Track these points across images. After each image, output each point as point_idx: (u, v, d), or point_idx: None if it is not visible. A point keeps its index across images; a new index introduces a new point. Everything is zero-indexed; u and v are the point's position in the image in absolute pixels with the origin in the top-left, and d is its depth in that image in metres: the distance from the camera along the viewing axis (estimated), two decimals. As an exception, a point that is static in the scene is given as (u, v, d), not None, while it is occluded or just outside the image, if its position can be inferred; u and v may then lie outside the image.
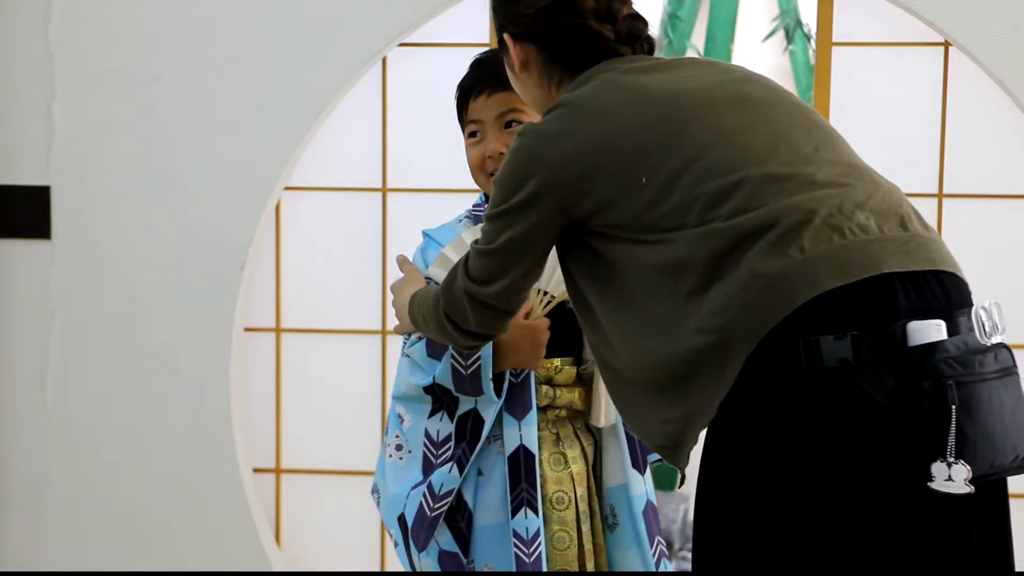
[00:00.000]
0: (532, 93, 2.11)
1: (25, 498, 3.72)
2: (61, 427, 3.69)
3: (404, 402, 2.44)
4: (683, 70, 1.96)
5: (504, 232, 1.95)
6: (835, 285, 1.68)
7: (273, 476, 3.81)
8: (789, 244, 1.71)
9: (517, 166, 1.93)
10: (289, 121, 3.56)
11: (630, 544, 2.41)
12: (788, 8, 5.67)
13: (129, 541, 3.69)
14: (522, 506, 2.32)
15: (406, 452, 2.41)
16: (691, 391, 1.76)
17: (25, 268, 3.68)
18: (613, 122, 1.87)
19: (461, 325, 2.08)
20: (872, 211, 1.76)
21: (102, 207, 3.64)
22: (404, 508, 2.37)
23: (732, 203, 1.76)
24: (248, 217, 3.59)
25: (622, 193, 1.83)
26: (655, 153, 1.83)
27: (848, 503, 1.66)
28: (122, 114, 3.62)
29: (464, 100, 2.44)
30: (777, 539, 1.70)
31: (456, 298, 2.05)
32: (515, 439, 2.35)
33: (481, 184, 2.44)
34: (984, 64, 3.44)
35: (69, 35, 3.62)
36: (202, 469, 3.64)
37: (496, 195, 1.97)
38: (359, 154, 3.75)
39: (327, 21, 3.54)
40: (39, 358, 3.69)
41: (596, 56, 2.02)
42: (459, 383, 2.33)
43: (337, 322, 3.78)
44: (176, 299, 3.62)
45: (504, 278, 1.99)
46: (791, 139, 1.83)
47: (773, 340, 1.68)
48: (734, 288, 1.71)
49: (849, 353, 1.65)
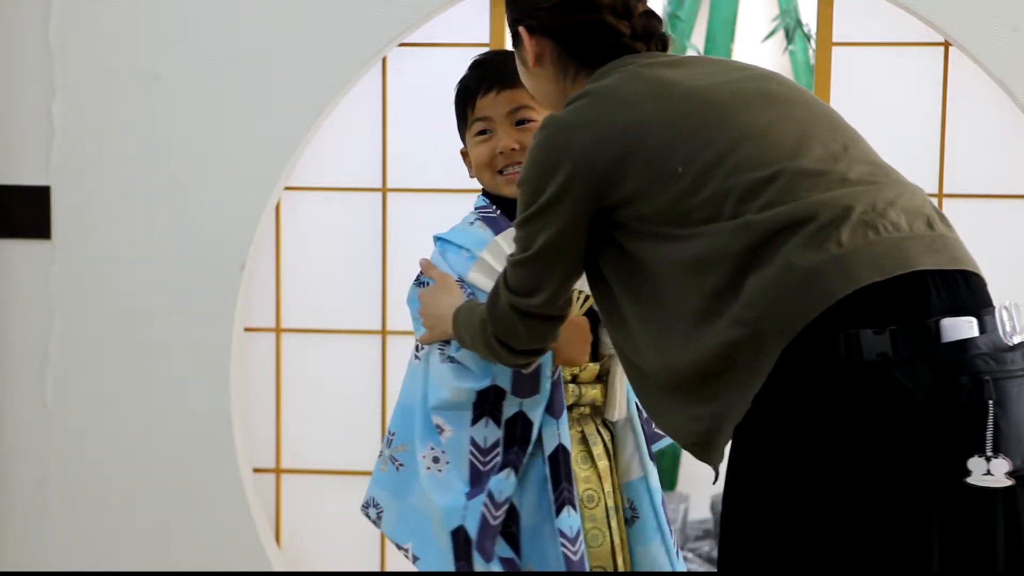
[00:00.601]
0: (544, 88, 2.10)
1: (25, 498, 3.72)
2: (61, 427, 3.69)
3: (444, 412, 2.35)
4: (705, 66, 1.97)
5: (539, 235, 1.94)
6: (872, 280, 1.69)
7: (273, 476, 3.81)
8: (826, 238, 1.72)
9: (543, 159, 1.92)
10: (289, 121, 3.56)
11: (653, 535, 2.41)
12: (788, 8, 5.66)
13: (129, 541, 3.69)
14: (565, 505, 2.31)
15: (444, 463, 2.35)
16: (723, 386, 1.76)
17: (25, 268, 3.68)
18: (643, 112, 1.87)
19: (514, 346, 2.07)
20: (902, 209, 1.78)
21: (102, 207, 3.64)
22: (463, 520, 2.30)
23: (767, 196, 1.77)
24: (248, 217, 3.59)
25: (655, 183, 1.83)
26: (689, 144, 1.83)
27: (882, 496, 1.68)
28: (122, 114, 3.62)
29: (469, 99, 2.42)
30: (809, 529, 1.70)
31: (503, 317, 2.04)
32: (554, 438, 2.33)
33: (486, 182, 2.43)
34: (984, 64, 3.44)
35: (69, 35, 3.62)
36: (202, 469, 3.64)
37: (524, 196, 1.95)
38: (359, 154, 3.75)
39: (327, 21, 3.54)
40: (39, 358, 3.69)
41: (612, 51, 2.02)
42: (518, 384, 2.30)
43: (337, 322, 3.78)
44: (176, 299, 3.62)
45: (548, 284, 1.98)
46: (820, 137, 1.85)
47: (810, 333, 1.69)
48: (770, 280, 1.72)
49: (888, 347, 1.67)
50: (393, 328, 3.75)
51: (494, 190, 2.43)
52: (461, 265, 2.40)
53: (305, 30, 3.55)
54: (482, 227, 2.43)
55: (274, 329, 3.79)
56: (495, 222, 2.42)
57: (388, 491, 2.44)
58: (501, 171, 2.40)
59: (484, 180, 2.43)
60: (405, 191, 3.73)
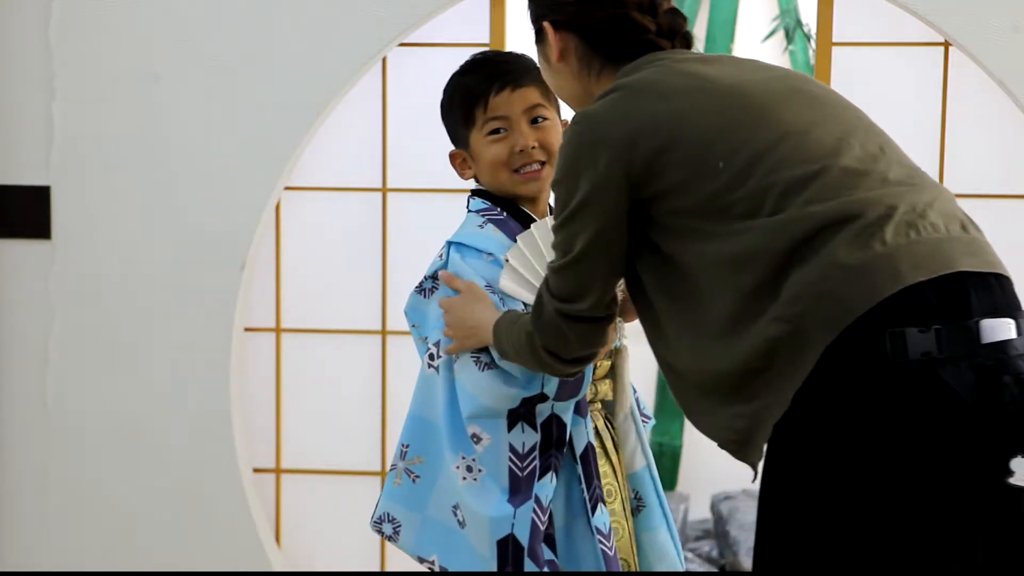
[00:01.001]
0: (567, 84, 2.09)
1: (25, 498, 3.72)
2: (61, 427, 3.69)
3: (482, 420, 2.29)
4: (737, 65, 1.97)
5: (579, 236, 1.91)
6: (916, 280, 1.70)
7: (273, 476, 3.81)
8: (872, 237, 1.73)
9: (578, 155, 1.89)
10: (289, 121, 3.56)
11: (659, 523, 2.42)
12: (788, 8, 5.67)
13: (129, 541, 3.69)
14: (598, 502, 2.31)
15: (477, 472, 2.29)
16: (763, 384, 1.76)
17: (25, 268, 3.68)
18: (682, 105, 1.86)
19: (563, 355, 2.04)
20: (939, 212, 1.79)
21: (102, 207, 3.64)
22: (512, 529, 2.26)
23: (811, 192, 1.77)
24: (248, 217, 3.59)
25: (695, 176, 1.82)
26: (730, 138, 1.82)
27: (924, 494, 1.68)
28: (122, 114, 3.62)
29: (481, 97, 2.36)
30: (850, 527, 1.71)
31: (551, 327, 2.00)
32: (583, 437, 2.33)
33: (503, 182, 2.37)
34: (984, 64, 3.44)
35: (69, 35, 3.62)
36: (202, 469, 3.64)
37: (560, 196, 1.92)
38: (359, 154, 3.75)
39: (327, 21, 3.54)
40: (39, 358, 3.69)
41: (637, 48, 2.01)
42: (564, 390, 2.28)
43: (337, 322, 3.78)
44: (176, 299, 3.62)
45: (594, 285, 1.95)
46: (858, 137, 1.85)
47: (855, 331, 1.69)
48: (814, 277, 1.72)
49: (933, 346, 1.68)
50: (393, 328, 3.75)
51: (510, 190, 2.38)
52: (485, 270, 2.33)
53: (305, 30, 3.55)
54: (494, 230, 2.38)
55: (274, 329, 3.79)
56: (505, 224, 2.38)
57: (405, 504, 2.39)
58: (518, 170, 2.36)
59: (500, 180, 2.38)
60: (405, 191, 3.73)
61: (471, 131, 2.39)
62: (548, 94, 2.39)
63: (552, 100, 2.41)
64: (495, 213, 2.40)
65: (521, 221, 2.39)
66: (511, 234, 2.36)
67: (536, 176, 2.37)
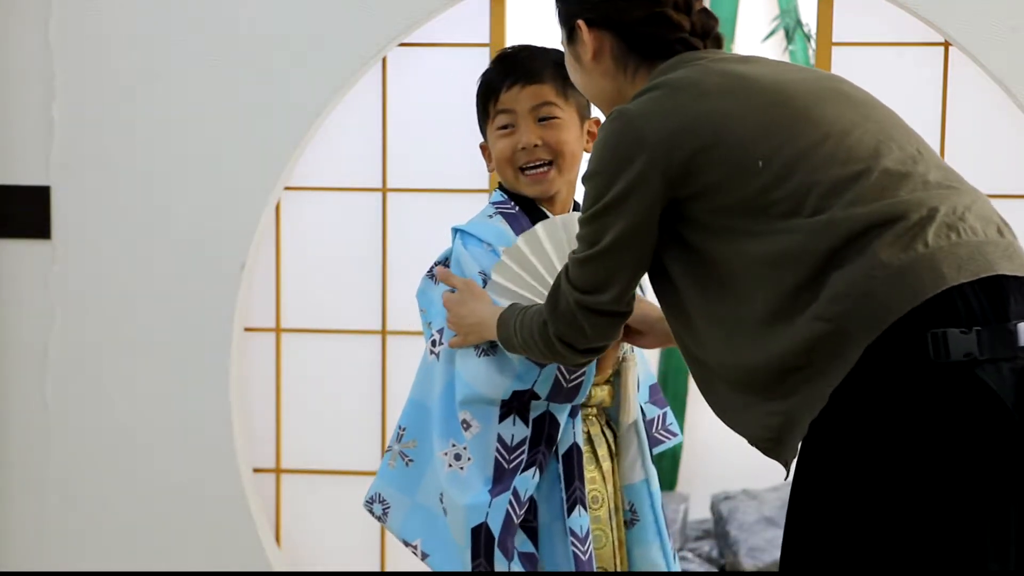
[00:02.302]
0: (599, 84, 2.07)
1: (25, 498, 3.72)
2: (61, 427, 3.69)
3: (473, 407, 2.31)
4: (771, 65, 1.96)
5: (608, 230, 1.89)
6: (959, 281, 1.70)
7: (273, 476, 3.81)
8: (914, 238, 1.73)
9: (616, 151, 1.87)
10: (289, 121, 3.56)
11: (652, 538, 2.41)
12: (788, 8, 5.66)
13: (129, 541, 3.69)
14: (576, 504, 2.31)
15: (466, 460, 2.31)
16: (801, 382, 1.75)
17: (25, 268, 3.68)
18: (722, 103, 1.85)
19: (577, 345, 2.02)
20: (977, 215, 1.79)
21: (102, 207, 3.64)
22: (486, 517, 2.27)
23: (853, 193, 1.77)
24: (248, 217, 3.59)
25: (734, 175, 1.81)
26: (771, 138, 1.82)
27: (962, 495, 1.68)
28: (122, 114, 3.62)
29: (493, 92, 2.38)
30: (888, 524, 1.71)
31: (568, 317, 1.98)
32: (570, 436, 2.32)
33: (508, 179, 2.39)
34: (984, 64, 3.44)
35: (69, 35, 3.62)
36: (202, 469, 3.64)
37: (593, 190, 1.90)
38: (359, 154, 3.75)
39: (327, 21, 3.54)
40: (39, 358, 3.69)
41: (672, 47, 2.00)
42: (555, 393, 2.29)
43: (337, 322, 3.78)
44: (176, 299, 3.62)
45: (618, 280, 1.94)
46: (897, 139, 1.85)
47: (896, 330, 1.69)
48: (858, 276, 1.72)
49: (975, 348, 1.68)
50: (393, 328, 3.75)
51: (514, 188, 2.40)
52: (484, 258, 2.36)
53: (305, 30, 3.55)
54: (502, 222, 2.39)
55: (274, 329, 3.79)
56: (515, 219, 2.39)
57: (395, 487, 2.41)
58: (523, 169, 2.36)
59: (506, 177, 2.39)
60: (405, 191, 3.73)
61: (487, 124, 2.41)
62: (565, 92, 2.38)
63: (570, 99, 2.39)
64: (508, 207, 2.41)
65: (533, 217, 2.39)
66: (519, 229, 2.37)
67: (542, 178, 2.37)
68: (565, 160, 2.38)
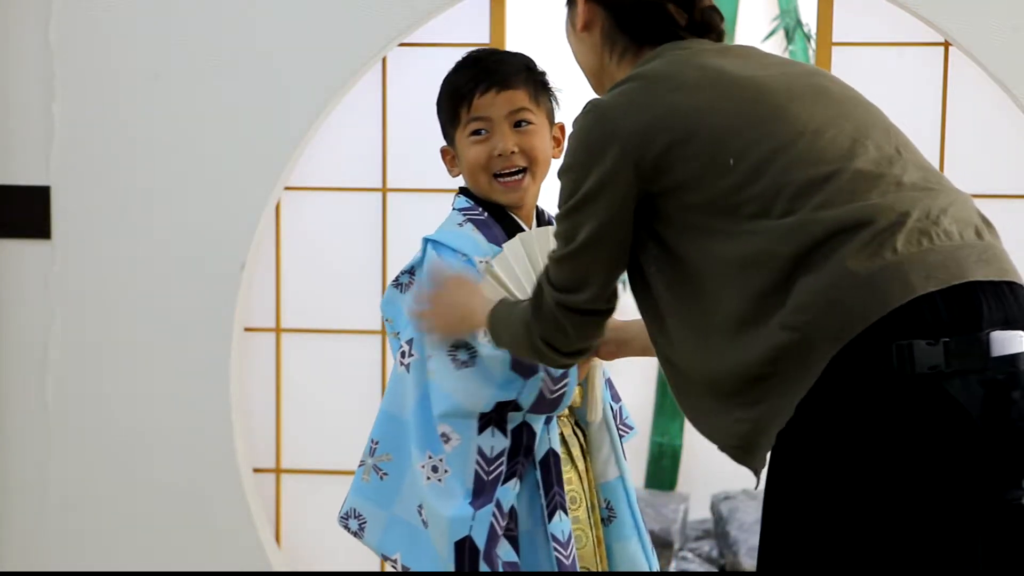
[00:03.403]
0: (586, 56, 2.04)
1: (25, 498, 3.72)
2: (61, 427, 3.69)
3: (453, 420, 2.29)
4: (753, 57, 1.93)
5: (583, 227, 1.86)
6: (927, 290, 1.66)
7: (273, 476, 3.81)
8: (882, 245, 1.69)
9: (588, 144, 1.85)
10: (289, 121, 3.56)
11: (630, 534, 2.40)
12: (788, 8, 5.66)
13: (129, 541, 3.69)
14: (556, 509, 2.30)
15: (443, 472, 2.30)
16: (767, 391, 1.72)
17: (25, 268, 3.68)
18: (696, 98, 1.83)
19: (561, 348, 1.98)
20: (954, 218, 1.75)
21: (102, 207, 3.64)
22: (470, 531, 2.26)
23: (823, 195, 1.73)
24: (248, 217, 3.59)
25: (705, 173, 1.78)
26: (744, 135, 1.79)
27: (928, 510, 1.65)
28: (122, 114, 3.62)
29: (465, 97, 2.35)
30: (851, 539, 1.68)
31: (549, 318, 1.95)
32: (545, 442, 2.32)
33: (481, 186, 2.37)
34: (984, 64, 3.44)
35: (69, 35, 3.62)
36: (202, 469, 3.64)
37: (566, 186, 1.88)
38: (359, 154, 3.75)
39: (327, 21, 3.54)
40: (39, 358, 3.69)
41: (663, 36, 1.97)
42: (539, 404, 2.29)
43: (337, 322, 3.78)
44: (176, 299, 3.62)
45: (595, 277, 1.90)
46: (875, 137, 1.82)
47: (862, 341, 1.66)
48: (824, 284, 1.69)
49: (941, 360, 1.64)
50: (393, 328, 3.75)
51: (486, 195, 2.38)
52: (460, 269, 2.32)
53: (305, 30, 3.55)
54: (474, 231, 2.37)
55: (274, 329, 3.79)
56: (486, 226, 2.37)
57: (372, 501, 2.39)
58: (498, 176, 2.35)
59: (479, 183, 2.37)
60: (405, 191, 3.73)
61: (456, 130, 2.38)
62: (537, 99, 2.37)
63: (541, 105, 2.38)
64: (476, 213, 2.39)
65: (503, 224, 2.38)
66: (491, 236, 2.35)
67: (516, 185, 2.36)
68: (539, 167, 2.37)
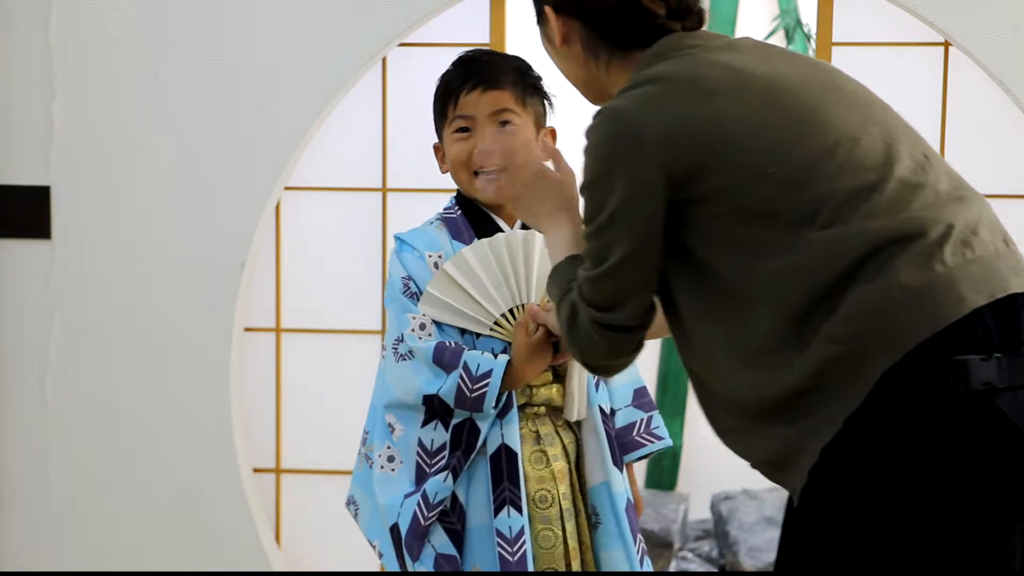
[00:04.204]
0: (572, 69, 1.95)
1: (25, 498, 3.72)
2: (61, 427, 3.69)
3: (396, 410, 2.38)
4: (766, 54, 1.85)
5: (616, 246, 1.76)
6: (977, 304, 1.64)
7: (273, 476, 3.81)
8: (932, 257, 1.66)
9: (612, 155, 1.74)
10: (289, 121, 3.56)
11: (614, 542, 2.40)
12: (788, 8, 5.66)
13: (129, 541, 3.69)
14: (504, 505, 2.31)
15: (397, 463, 2.37)
16: (811, 406, 1.66)
17: (25, 268, 3.68)
18: (726, 102, 1.74)
19: (591, 362, 1.90)
20: (987, 227, 1.74)
21: (102, 207, 3.64)
22: (398, 518, 2.33)
23: (871, 205, 1.68)
24: (248, 217, 3.59)
25: (743, 180, 1.71)
26: (782, 142, 1.72)
27: (980, 526, 1.63)
28: (122, 114, 3.62)
29: (452, 94, 2.39)
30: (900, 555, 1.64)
31: (584, 332, 1.84)
32: (497, 438, 2.34)
33: (462, 182, 2.42)
34: (984, 64, 3.44)
35: (69, 35, 3.62)
36: (202, 469, 3.64)
37: (592, 201, 1.78)
38: (359, 154, 3.75)
39: (327, 21, 3.54)
40: (39, 358, 3.69)
41: (646, 34, 1.86)
42: (460, 402, 2.31)
43: (337, 322, 3.78)
44: (176, 299, 3.62)
45: (633, 294, 1.80)
46: (903, 143, 1.77)
47: (915, 356, 1.62)
48: (876, 296, 1.64)
49: (994, 375, 1.62)
50: (393, 328, 3.75)
51: (468, 191, 2.42)
52: (412, 264, 2.40)
53: (305, 30, 3.55)
54: (439, 227, 2.43)
55: (274, 329, 3.79)
56: (453, 223, 2.42)
57: (363, 489, 2.46)
58: (476, 172, 2.39)
59: (460, 180, 2.41)
60: (405, 191, 3.73)
61: (443, 126, 2.43)
62: (524, 100, 2.40)
63: (528, 107, 2.41)
64: (451, 211, 2.45)
65: (474, 222, 2.42)
66: (453, 232, 2.41)
67: (495, 183, 2.38)
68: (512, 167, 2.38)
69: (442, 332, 2.37)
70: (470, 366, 2.30)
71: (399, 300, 2.40)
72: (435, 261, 2.40)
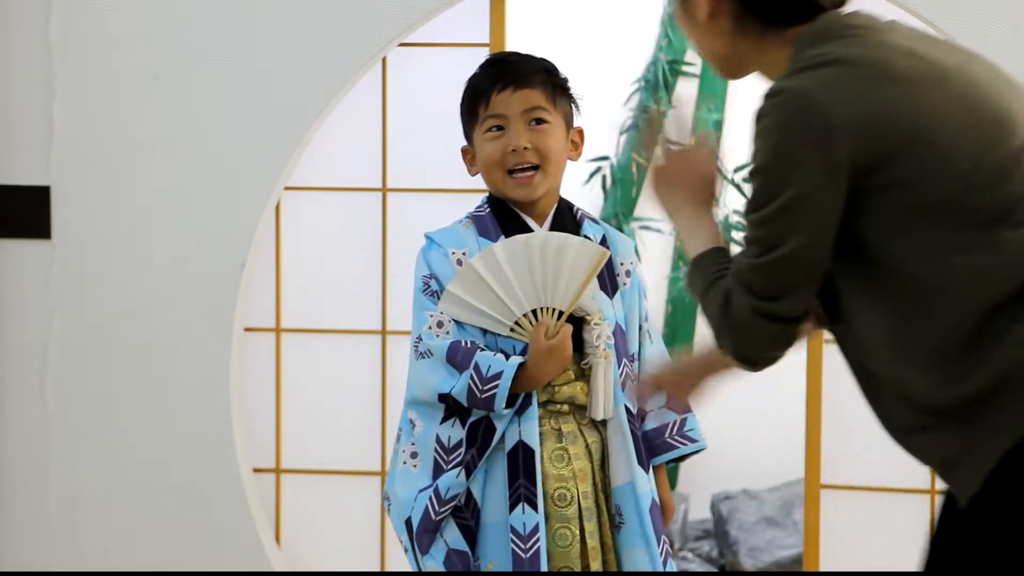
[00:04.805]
0: (714, 45, 1.86)
1: (25, 498, 3.72)
2: (61, 427, 3.69)
3: (417, 407, 2.40)
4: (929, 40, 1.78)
5: (791, 233, 1.67)
6: None
7: (273, 476, 3.81)
8: None
9: (792, 139, 1.66)
10: (289, 121, 3.56)
11: (637, 543, 2.39)
12: (788, 8, 5.66)
13: (129, 541, 3.69)
14: (519, 502, 2.32)
15: (420, 459, 2.39)
16: (995, 408, 1.61)
17: (25, 268, 3.68)
18: (921, 92, 1.67)
19: (745, 352, 1.79)
20: None
21: (102, 207, 3.64)
22: (411, 512, 2.35)
23: None
24: (248, 217, 3.59)
25: (933, 174, 1.64)
26: (979, 137, 1.66)
27: None
28: (122, 114, 3.62)
29: (483, 94, 2.40)
30: None
31: (741, 322, 1.75)
32: (514, 435, 2.34)
33: (496, 182, 2.41)
34: (984, 64, 3.44)
35: (69, 35, 3.62)
36: (202, 469, 3.64)
37: (765, 185, 1.69)
38: (359, 154, 3.74)
39: (327, 21, 3.54)
40: (39, 358, 3.69)
41: (799, 10, 1.78)
42: (472, 402, 2.32)
43: (337, 322, 3.78)
44: (176, 299, 3.62)
45: (803, 284, 1.72)
46: None
47: None
48: None
49: None
50: (393, 328, 3.75)
51: (500, 191, 2.42)
52: (436, 262, 2.41)
53: (305, 30, 3.55)
54: (467, 225, 2.44)
55: (274, 329, 3.78)
56: (481, 221, 2.43)
57: (393, 484, 2.46)
58: (511, 172, 2.39)
59: (494, 179, 2.41)
60: (405, 191, 3.73)
61: (474, 127, 2.43)
62: (554, 99, 2.41)
63: (558, 106, 2.42)
64: (480, 210, 2.45)
65: (503, 221, 2.42)
66: (481, 230, 2.41)
67: (528, 182, 2.39)
68: (551, 165, 2.41)
69: (462, 330, 2.38)
70: (481, 367, 2.31)
71: (419, 298, 2.42)
72: (458, 258, 2.40)
